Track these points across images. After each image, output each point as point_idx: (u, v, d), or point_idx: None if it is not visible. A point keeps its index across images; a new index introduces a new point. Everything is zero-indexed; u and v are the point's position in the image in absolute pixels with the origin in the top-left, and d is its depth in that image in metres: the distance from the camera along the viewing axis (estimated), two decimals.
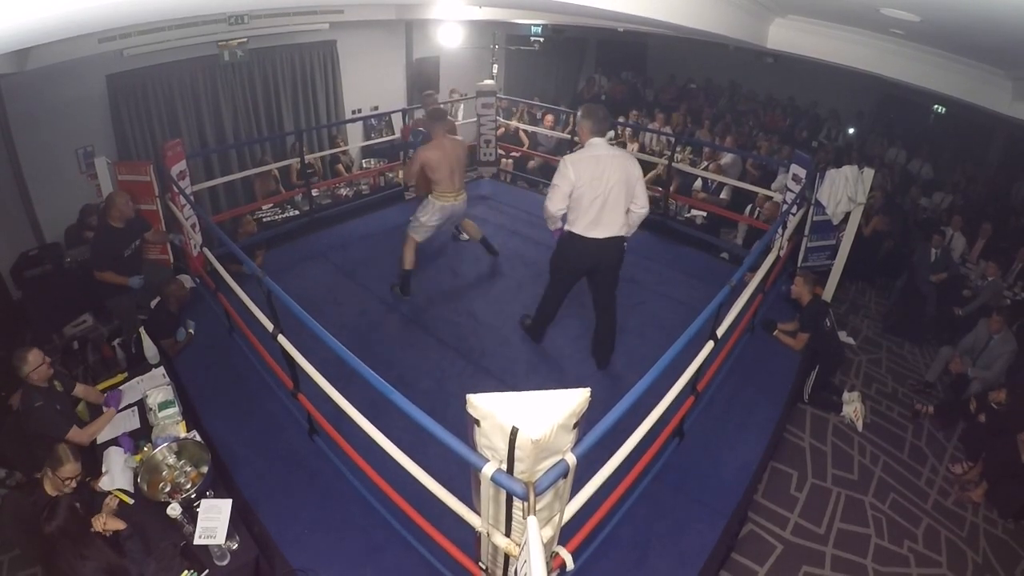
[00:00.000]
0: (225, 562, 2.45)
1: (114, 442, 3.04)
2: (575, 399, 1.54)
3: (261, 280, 2.85)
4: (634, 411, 2.03)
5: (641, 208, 3.37)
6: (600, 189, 3.21)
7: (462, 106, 8.22)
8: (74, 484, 2.52)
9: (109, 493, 2.65)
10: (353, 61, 7.65)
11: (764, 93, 10.11)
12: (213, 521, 2.45)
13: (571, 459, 1.59)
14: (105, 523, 2.42)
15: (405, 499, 2.53)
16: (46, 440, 2.78)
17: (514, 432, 1.47)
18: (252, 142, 6.83)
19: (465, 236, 5.29)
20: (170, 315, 3.95)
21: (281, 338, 2.80)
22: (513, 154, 7.69)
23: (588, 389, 1.56)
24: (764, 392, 3.81)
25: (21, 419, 2.94)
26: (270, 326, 2.85)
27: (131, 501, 2.66)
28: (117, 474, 2.83)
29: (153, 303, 4.10)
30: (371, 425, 2.30)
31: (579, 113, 3.40)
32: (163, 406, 3.19)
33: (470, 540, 2.10)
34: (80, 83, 5.27)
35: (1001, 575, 3.22)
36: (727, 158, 7.06)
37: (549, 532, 1.74)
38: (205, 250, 4.03)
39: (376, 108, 8.15)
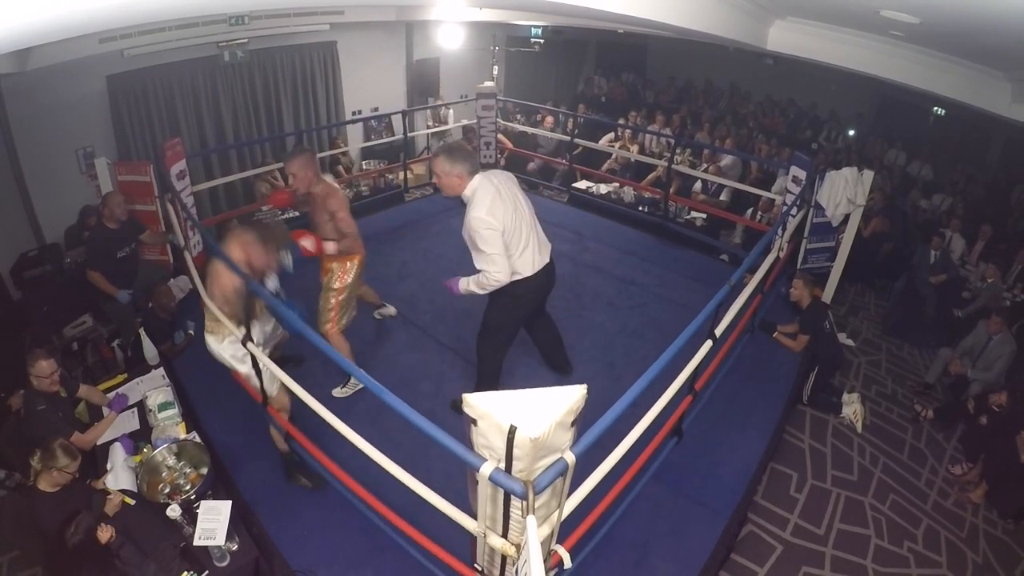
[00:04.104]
0: (225, 563, 2.45)
1: (114, 443, 3.03)
2: (572, 396, 1.54)
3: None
4: (633, 410, 2.03)
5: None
6: (520, 216, 2.90)
7: (451, 110, 8.30)
8: (69, 476, 2.50)
9: (111, 493, 2.64)
10: (353, 62, 7.65)
11: (763, 95, 10.12)
12: (213, 522, 2.45)
13: (570, 457, 1.59)
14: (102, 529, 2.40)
15: (398, 507, 2.46)
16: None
17: (512, 431, 1.47)
18: (252, 143, 6.83)
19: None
20: (162, 322, 3.93)
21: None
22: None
23: (584, 386, 1.57)
24: (764, 393, 3.81)
25: (22, 423, 2.93)
26: None
27: (132, 502, 2.66)
28: (120, 472, 2.83)
29: (152, 304, 4.08)
30: (358, 436, 2.19)
31: (440, 160, 2.82)
32: (163, 407, 3.19)
33: (466, 542, 2.09)
34: (80, 83, 5.27)
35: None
36: (726, 160, 7.07)
37: (547, 530, 1.74)
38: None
39: (376, 109, 8.16)
